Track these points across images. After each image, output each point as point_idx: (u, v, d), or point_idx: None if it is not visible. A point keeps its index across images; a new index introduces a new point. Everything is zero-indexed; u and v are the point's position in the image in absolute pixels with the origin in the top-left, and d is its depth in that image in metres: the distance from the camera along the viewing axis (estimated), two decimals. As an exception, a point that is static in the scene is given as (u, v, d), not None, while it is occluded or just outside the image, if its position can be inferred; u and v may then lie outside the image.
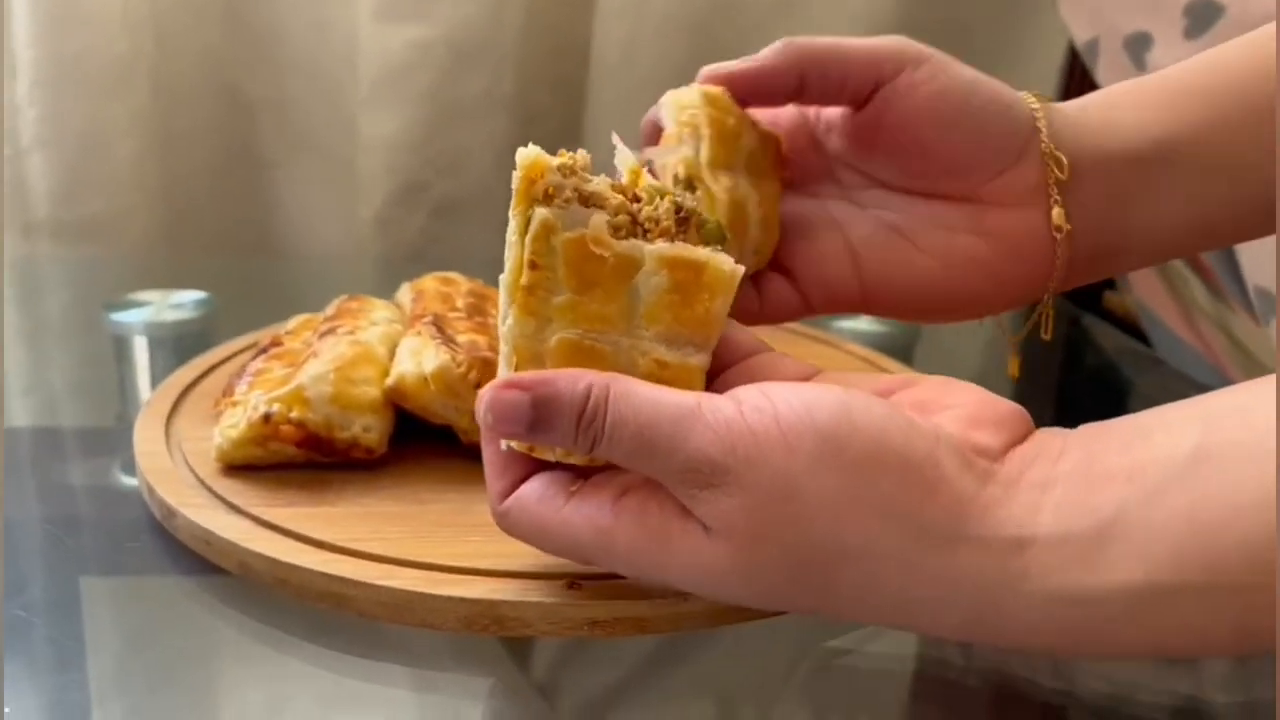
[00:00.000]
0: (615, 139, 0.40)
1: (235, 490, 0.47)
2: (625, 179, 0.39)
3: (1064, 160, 0.45)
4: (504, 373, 0.38)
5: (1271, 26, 0.45)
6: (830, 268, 0.46)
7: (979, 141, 0.45)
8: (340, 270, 0.99)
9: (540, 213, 0.37)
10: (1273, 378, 0.33)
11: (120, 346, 0.70)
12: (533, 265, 0.37)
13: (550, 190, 0.37)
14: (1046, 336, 0.48)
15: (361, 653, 0.43)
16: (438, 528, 0.45)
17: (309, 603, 0.42)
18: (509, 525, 0.39)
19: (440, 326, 0.52)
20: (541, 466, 0.39)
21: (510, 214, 0.38)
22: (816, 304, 0.47)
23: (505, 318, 0.38)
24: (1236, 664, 0.46)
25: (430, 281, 0.60)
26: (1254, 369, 0.77)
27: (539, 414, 0.36)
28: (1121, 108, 0.47)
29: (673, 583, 0.37)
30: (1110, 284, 1.00)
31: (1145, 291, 0.91)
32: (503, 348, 0.38)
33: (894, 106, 0.45)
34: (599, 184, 0.38)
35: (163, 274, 0.89)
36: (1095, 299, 1.03)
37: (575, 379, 0.36)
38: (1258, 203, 0.45)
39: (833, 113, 0.48)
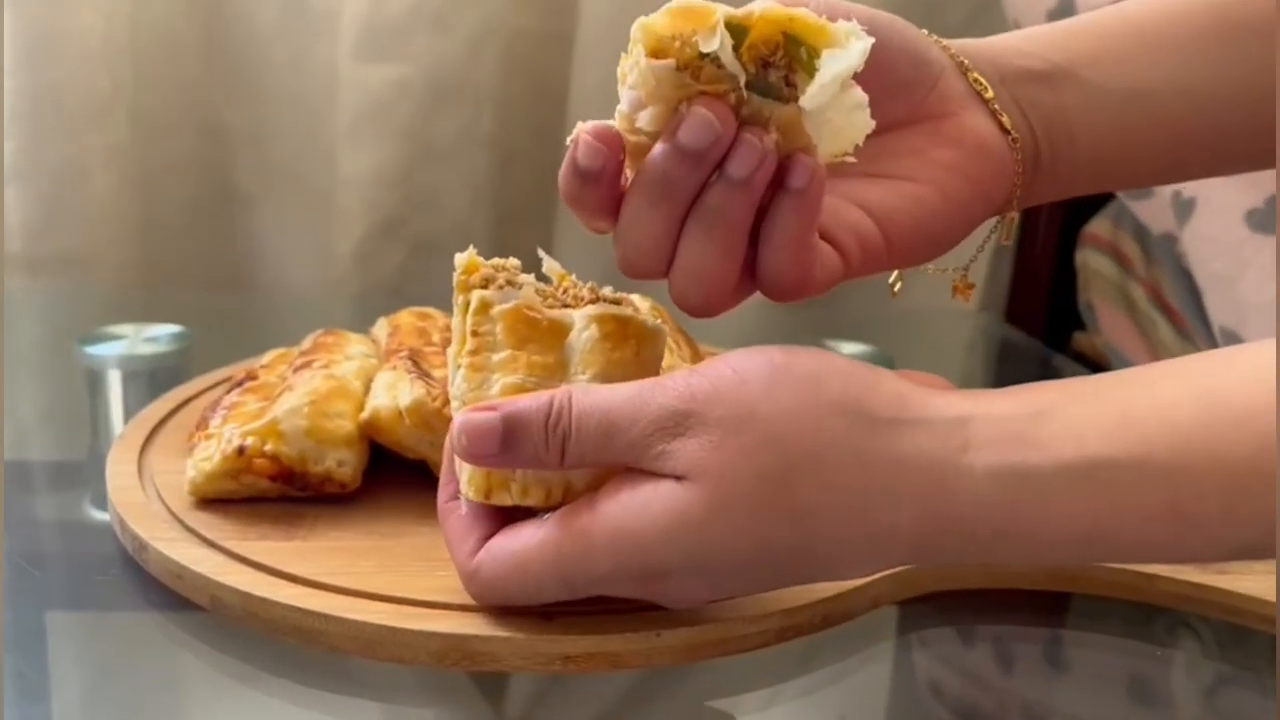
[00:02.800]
0: (541, 251, 0.44)
1: (208, 524, 0.47)
2: (555, 281, 0.44)
3: (980, 79, 0.46)
4: None
5: None
6: (853, 216, 0.44)
7: (906, 53, 0.45)
8: (318, 306, 0.99)
9: (479, 292, 0.42)
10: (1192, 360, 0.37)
11: (94, 380, 0.69)
12: (474, 334, 0.41)
13: (485, 281, 0.42)
14: (1006, 242, 0.49)
15: (334, 688, 0.42)
16: (410, 562, 0.45)
17: (280, 637, 0.42)
18: (483, 579, 0.40)
19: (416, 361, 0.53)
20: (500, 525, 0.41)
21: (453, 304, 0.42)
22: (854, 263, 0.44)
23: (454, 381, 0.42)
24: (1207, 705, 0.46)
25: (406, 316, 0.60)
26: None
27: (509, 427, 0.39)
28: (1014, 39, 0.48)
29: (655, 560, 0.37)
30: (1080, 325, 1.02)
31: (1114, 333, 0.92)
32: (453, 404, 0.42)
33: None
34: (528, 280, 0.43)
35: (139, 308, 0.89)
36: (1065, 340, 1.04)
37: (536, 395, 0.39)
38: (1179, 134, 0.47)
39: None
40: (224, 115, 0.98)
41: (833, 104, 0.38)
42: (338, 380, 0.52)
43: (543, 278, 0.44)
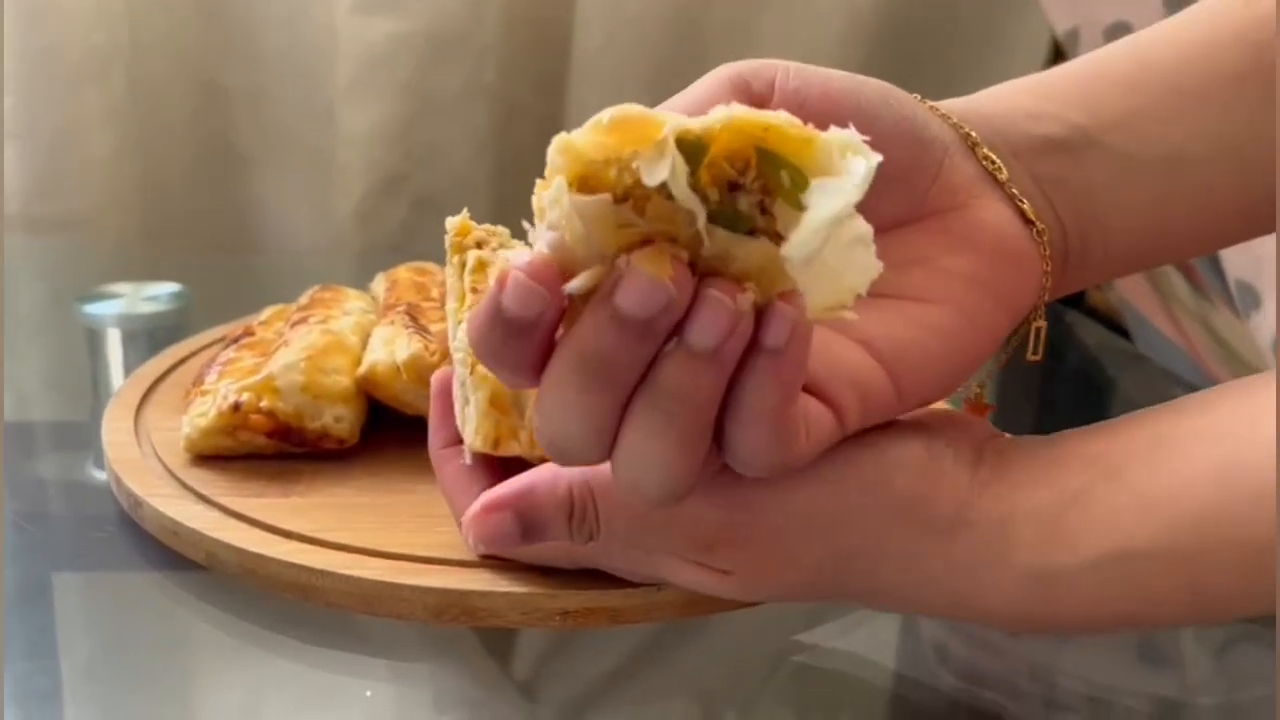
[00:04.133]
0: (526, 224, 0.31)
1: (204, 480, 0.46)
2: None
3: (992, 157, 0.38)
4: (461, 376, 0.41)
5: (1198, 9, 0.41)
6: (851, 359, 0.35)
7: (902, 133, 0.36)
8: (319, 263, 0.98)
9: (475, 252, 0.41)
10: (1233, 386, 0.37)
11: (93, 339, 0.69)
12: (474, 291, 0.41)
13: (479, 242, 0.42)
14: (1036, 357, 0.40)
15: (332, 644, 0.42)
16: (408, 518, 0.44)
17: (277, 593, 0.42)
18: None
19: (414, 316, 0.52)
20: (502, 476, 0.40)
21: (447, 266, 0.42)
22: (853, 420, 0.35)
23: (455, 335, 0.42)
24: (1217, 666, 0.46)
25: (405, 271, 0.60)
26: (1234, 362, 0.77)
27: (527, 526, 0.38)
28: (1023, 95, 0.40)
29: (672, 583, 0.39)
30: (1092, 279, 1.00)
31: (1128, 287, 0.91)
32: (456, 355, 0.41)
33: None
34: (519, 246, 0.40)
35: (138, 267, 0.89)
36: (1078, 295, 1.03)
37: (552, 483, 0.37)
38: (1224, 203, 0.41)
39: None
40: (222, 73, 0.97)
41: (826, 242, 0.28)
42: (334, 335, 0.51)
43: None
